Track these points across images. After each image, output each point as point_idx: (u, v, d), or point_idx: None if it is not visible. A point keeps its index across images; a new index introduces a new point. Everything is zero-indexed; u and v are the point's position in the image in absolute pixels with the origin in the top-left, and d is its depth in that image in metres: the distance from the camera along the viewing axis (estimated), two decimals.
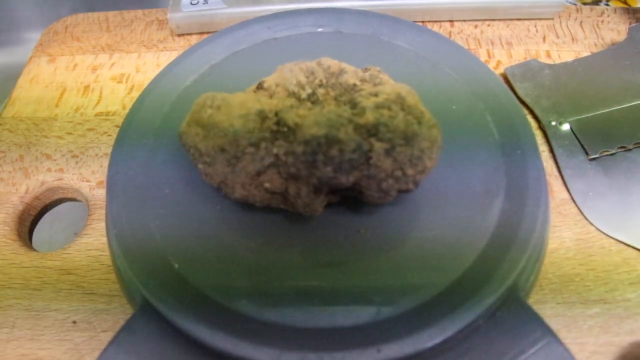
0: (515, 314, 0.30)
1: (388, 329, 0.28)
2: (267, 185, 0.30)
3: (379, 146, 0.28)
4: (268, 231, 0.32)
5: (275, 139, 0.29)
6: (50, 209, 0.46)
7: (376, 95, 0.30)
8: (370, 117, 0.28)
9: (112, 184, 0.35)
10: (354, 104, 0.29)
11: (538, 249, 0.32)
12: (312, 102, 0.31)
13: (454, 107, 0.37)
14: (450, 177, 0.34)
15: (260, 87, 0.32)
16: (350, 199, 0.32)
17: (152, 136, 0.37)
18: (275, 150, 0.29)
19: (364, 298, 0.30)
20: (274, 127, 0.29)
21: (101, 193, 0.43)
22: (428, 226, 0.32)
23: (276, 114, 0.29)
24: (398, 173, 0.28)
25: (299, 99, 0.31)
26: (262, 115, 0.29)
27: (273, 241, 0.32)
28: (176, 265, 0.31)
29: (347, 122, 0.28)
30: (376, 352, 0.27)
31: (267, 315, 0.29)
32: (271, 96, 0.31)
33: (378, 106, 0.29)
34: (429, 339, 0.28)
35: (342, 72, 0.32)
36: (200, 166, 0.30)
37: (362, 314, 0.29)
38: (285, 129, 0.29)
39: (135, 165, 0.35)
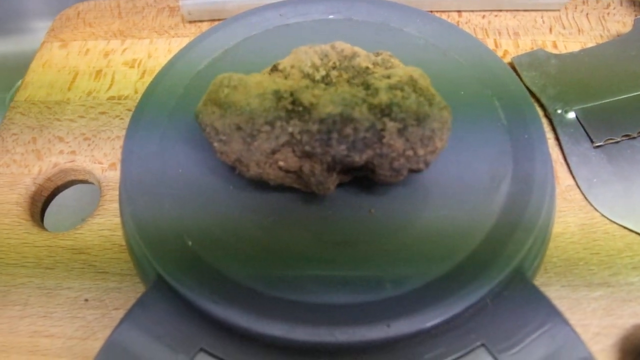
0: (521, 294, 0.30)
1: (397, 306, 0.29)
2: (281, 163, 0.30)
3: (392, 125, 0.29)
4: (280, 210, 0.33)
5: (290, 118, 0.29)
6: (62, 190, 0.47)
7: (389, 77, 0.30)
8: (383, 97, 0.29)
9: (126, 163, 0.35)
10: (367, 86, 0.30)
11: (544, 231, 0.33)
12: (326, 84, 0.31)
13: (462, 92, 0.38)
14: (458, 160, 0.34)
15: (275, 69, 0.33)
16: (361, 179, 0.33)
17: (167, 117, 0.37)
18: (290, 129, 0.29)
19: (374, 276, 0.30)
20: (290, 107, 0.29)
21: (113, 175, 0.44)
22: (436, 208, 0.33)
23: (291, 94, 0.30)
24: (409, 152, 0.29)
25: (313, 80, 0.32)
26: (277, 95, 0.30)
27: (285, 220, 0.33)
28: (190, 243, 0.31)
29: (361, 102, 0.29)
30: (386, 327, 0.28)
31: (279, 292, 0.30)
32: (286, 77, 0.32)
33: (391, 87, 0.29)
34: (437, 315, 0.28)
35: (355, 55, 0.33)
36: (215, 144, 0.31)
37: (373, 292, 0.30)
38: (301, 109, 0.29)
39: (150, 146, 0.36)
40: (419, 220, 0.32)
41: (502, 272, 0.30)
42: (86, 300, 0.38)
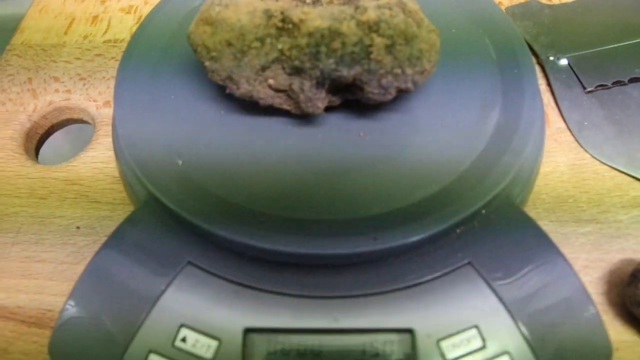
0: (510, 220, 0.31)
1: (383, 222, 0.29)
2: (271, 81, 0.30)
3: (379, 41, 0.29)
4: (270, 133, 0.33)
5: (280, 35, 0.30)
6: (57, 129, 0.47)
7: None
8: (372, 14, 0.29)
9: (119, 90, 0.35)
10: (356, 6, 0.30)
11: (532, 161, 0.33)
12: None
13: (453, 30, 0.38)
14: (447, 89, 0.35)
15: None
16: (351, 102, 0.33)
17: (160, 51, 0.37)
18: (280, 46, 0.30)
19: (362, 196, 0.31)
20: (279, 24, 0.30)
21: (107, 112, 0.44)
22: (426, 132, 0.33)
23: (282, 12, 0.30)
24: (397, 70, 0.29)
25: (303, 2, 0.32)
26: (268, 14, 0.30)
27: (274, 142, 0.33)
28: (180, 162, 0.32)
29: (349, 18, 0.29)
30: (373, 240, 0.28)
31: (265, 207, 0.30)
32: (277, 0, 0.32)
33: (380, 6, 0.30)
34: (422, 230, 0.28)
35: None
36: (207, 63, 0.31)
37: (360, 210, 0.30)
38: (290, 26, 0.29)
39: (143, 75, 0.36)
40: (408, 143, 0.33)
41: (488, 195, 0.30)
42: (78, 227, 0.38)
